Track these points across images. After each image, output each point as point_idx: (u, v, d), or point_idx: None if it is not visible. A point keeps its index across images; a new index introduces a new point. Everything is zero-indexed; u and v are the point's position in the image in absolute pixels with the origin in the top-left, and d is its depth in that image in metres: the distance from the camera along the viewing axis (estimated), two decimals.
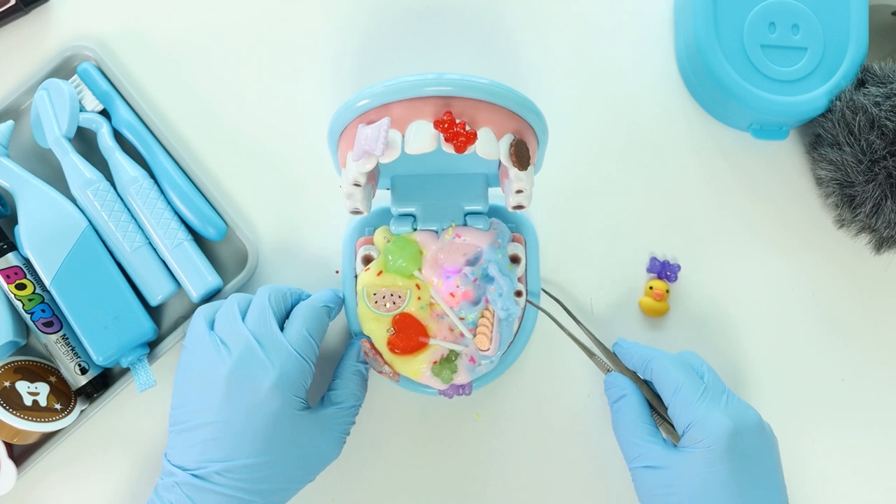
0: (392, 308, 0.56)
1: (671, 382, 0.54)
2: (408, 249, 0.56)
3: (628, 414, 0.55)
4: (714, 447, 0.51)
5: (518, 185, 0.50)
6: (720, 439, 0.51)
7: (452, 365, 0.56)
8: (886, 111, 0.57)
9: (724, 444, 0.51)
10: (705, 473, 0.51)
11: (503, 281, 0.56)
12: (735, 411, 0.52)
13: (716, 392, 0.53)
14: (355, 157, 0.47)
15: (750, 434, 0.52)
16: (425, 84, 0.46)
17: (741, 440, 0.51)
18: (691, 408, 0.52)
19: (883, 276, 0.64)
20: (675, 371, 0.54)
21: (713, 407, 0.52)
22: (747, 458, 0.51)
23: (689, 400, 0.53)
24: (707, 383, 0.54)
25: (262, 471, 0.50)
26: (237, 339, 0.51)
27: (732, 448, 0.51)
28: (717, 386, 0.54)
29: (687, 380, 0.53)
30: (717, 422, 0.51)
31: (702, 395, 0.53)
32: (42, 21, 0.64)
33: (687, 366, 0.55)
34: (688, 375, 0.54)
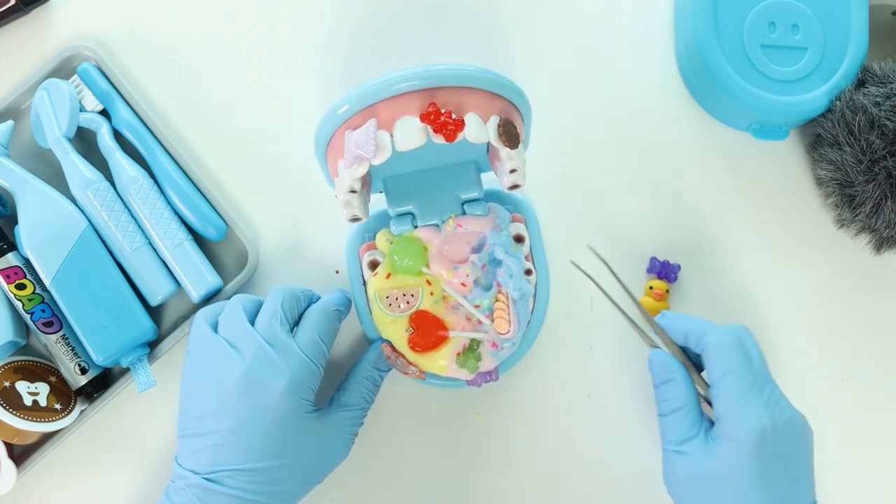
0: (407, 308, 0.56)
1: (722, 364, 0.51)
2: (412, 247, 0.56)
3: (674, 400, 0.52)
4: (746, 442, 0.49)
5: (511, 164, 0.50)
6: (753, 435, 0.49)
7: (476, 353, 0.56)
8: (886, 111, 0.57)
9: (756, 440, 0.49)
10: (734, 467, 0.50)
11: (511, 261, 0.56)
12: (775, 406, 0.51)
13: (761, 382, 0.51)
14: (347, 163, 0.47)
15: (785, 432, 0.50)
16: (403, 80, 0.46)
17: (775, 438, 0.50)
18: (734, 397, 0.50)
19: (883, 276, 0.64)
20: (729, 352, 0.51)
21: (755, 400, 0.50)
22: (779, 456, 0.50)
23: (736, 388, 0.51)
24: (756, 371, 0.51)
25: (273, 473, 0.50)
26: (248, 341, 0.51)
27: (764, 445, 0.49)
28: (764, 375, 0.52)
29: (738, 365, 0.51)
30: (754, 417, 0.50)
31: (750, 385, 0.51)
32: (42, 21, 0.64)
33: (742, 348, 0.52)
34: (741, 360, 0.51)
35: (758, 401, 0.50)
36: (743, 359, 0.51)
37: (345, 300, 0.56)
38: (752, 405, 0.50)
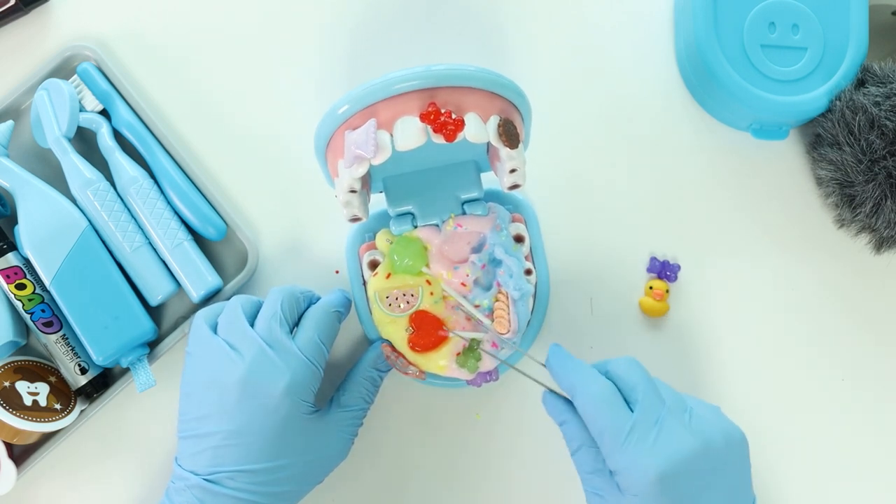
0: (407, 308, 0.56)
1: (594, 424, 0.49)
2: (412, 247, 0.56)
3: (574, 440, 0.51)
4: (642, 496, 0.47)
5: (511, 164, 0.50)
6: (647, 487, 0.46)
7: (476, 353, 0.56)
8: (886, 111, 0.57)
9: (652, 490, 0.46)
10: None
11: (511, 261, 0.56)
12: (667, 446, 0.47)
13: (646, 424, 0.48)
14: (347, 163, 0.47)
15: (689, 468, 0.47)
16: (403, 80, 0.46)
17: (675, 481, 0.47)
18: (616, 453, 0.48)
19: (883, 276, 0.64)
20: (596, 410, 0.49)
21: (639, 449, 0.47)
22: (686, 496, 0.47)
23: (614, 444, 0.48)
24: (636, 416, 0.48)
25: (273, 474, 0.50)
26: (249, 343, 0.51)
27: (664, 492, 0.46)
28: (650, 413, 0.48)
29: (610, 419, 0.48)
30: (641, 469, 0.47)
31: (627, 436, 0.48)
32: (42, 21, 0.64)
33: (612, 397, 0.49)
34: (612, 412, 0.49)
35: (642, 450, 0.47)
36: (614, 410, 0.49)
37: (344, 301, 0.56)
38: (637, 456, 0.47)
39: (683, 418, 0.49)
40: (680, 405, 0.50)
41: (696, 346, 0.62)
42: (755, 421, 0.61)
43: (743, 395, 0.62)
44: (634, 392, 0.50)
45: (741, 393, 0.62)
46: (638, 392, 0.49)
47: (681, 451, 0.47)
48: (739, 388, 0.62)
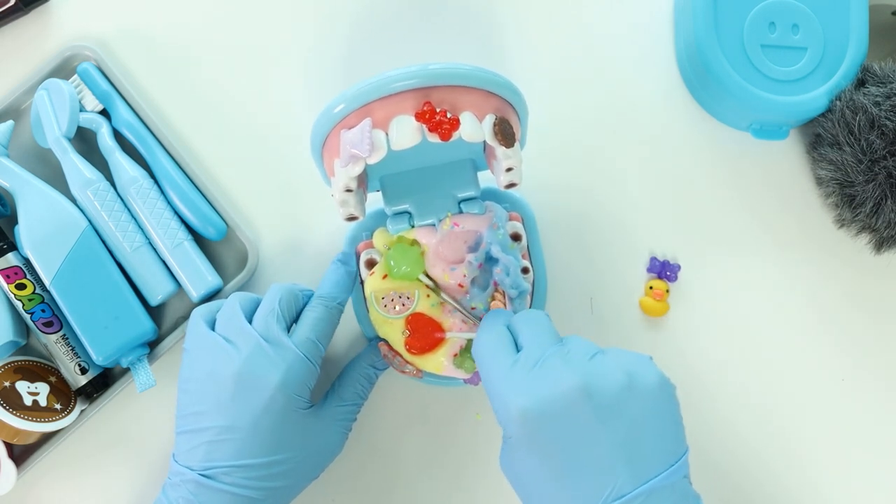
0: (402, 310, 0.56)
1: (481, 372, 0.48)
2: (409, 254, 0.56)
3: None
4: (515, 437, 0.44)
5: (507, 162, 0.50)
6: (512, 426, 0.44)
7: None
8: (886, 111, 0.57)
9: (518, 430, 0.44)
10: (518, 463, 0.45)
11: (507, 260, 0.56)
12: (537, 382, 0.44)
13: (525, 364, 0.45)
14: (343, 163, 0.47)
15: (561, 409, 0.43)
16: (398, 79, 0.46)
17: (543, 421, 0.43)
18: (492, 395, 0.46)
19: (883, 275, 0.64)
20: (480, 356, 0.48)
21: (509, 386, 0.45)
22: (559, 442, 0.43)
23: (491, 386, 0.46)
24: (518, 356, 0.46)
25: (268, 469, 0.50)
26: (245, 338, 0.51)
27: (531, 434, 0.43)
28: (532, 353, 0.46)
29: (491, 362, 0.47)
30: (506, 406, 0.44)
31: (506, 373, 0.45)
32: (42, 21, 0.64)
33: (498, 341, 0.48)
34: (494, 355, 0.47)
35: (510, 387, 0.45)
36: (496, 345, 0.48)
37: (346, 283, 0.56)
38: (505, 396, 0.45)
39: (574, 360, 0.45)
40: (583, 351, 0.46)
41: (696, 346, 0.62)
42: (754, 421, 0.62)
43: (742, 395, 0.62)
44: (520, 335, 0.48)
45: (741, 393, 0.62)
46: (525, 333, 0.48)
47: (553, 389, 0.44)
48: (739, 388, 0.62)
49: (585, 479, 0.43)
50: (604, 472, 0.43)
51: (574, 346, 0.46)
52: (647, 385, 0.45)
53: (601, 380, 0.44)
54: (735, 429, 0.61)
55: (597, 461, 0.43)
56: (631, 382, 0.44)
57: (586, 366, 0.45)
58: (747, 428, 0.61)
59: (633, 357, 0.47)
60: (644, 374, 0.45)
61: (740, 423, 0.61)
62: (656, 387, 0.45)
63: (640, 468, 0.43)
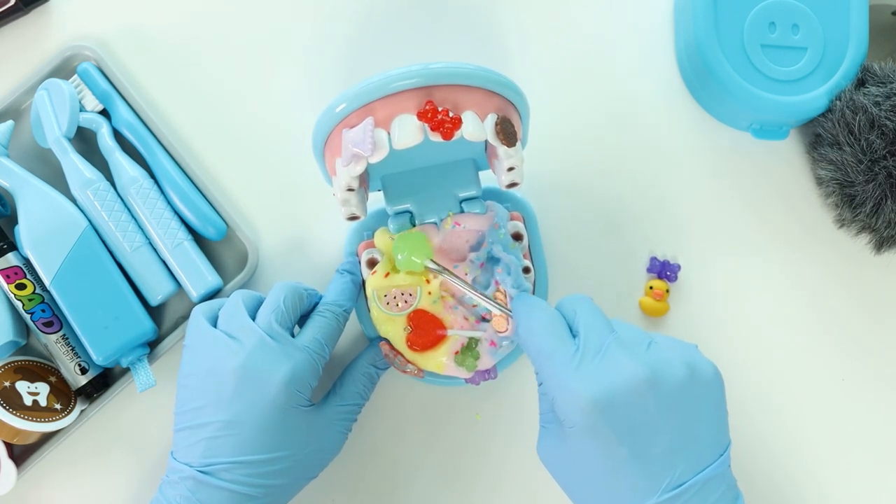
0: (404, 307, 0.56)
1: (533, 352, 0.48)
2: (415, 242, 0.55)
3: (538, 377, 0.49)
4: (578, 426, 0.44)
5: (509, 162, 0.50)
6: (580, 415, 0.44)
7: (474, 352, 0.56)
8: (886, 111, 0.57)
9: (585, 419, 0.44)
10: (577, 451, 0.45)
11: (509, 259, 0.56)
12: (605, 372, 0.44)
13: (588, 352, 0.45)
14: (344, 162, 0.47)
15: (630, 399, 0.44)
16: (400, 78, 0.46)
17: (613, 411, 0.44)
18: (552, 380, 0.46)
19: (883, 275, 0.64)
20: (533, 336, 0.48)
21: (574, 374, 0.45)
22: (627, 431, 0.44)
23: (550, 370, 0.46)
24: (577, 342, 0.46)
25: (268, 466, 0.50)
26: (249, 333, 0.51)
27: (599, 422, 0.44)
28: (593, 340, 0.46)
29: (547, 344, 0.47)
30: (574, 395, 0.44)
31: (565, 362, 0.45)
32: (42, 21, 0.64)
33: (552, 323, 0.48)
34: (550, 337, 0.47)
35: (577, 376, 0.45)
36: (553, 330, 0.47)
37: (351, 291, 0.56)
38: (572, 384, 0.45)
39: (635, 349, 0.46)
40: (636, 338, 0.47)
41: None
42: (754, 420, 0.62)
43: (742, 395, 0.62)
44: (576, 320, 0.47)
45: (740, 393, 0.62)
46: (579, 319, 0.47)
47: (621, 379, 0.44)
48: (739, 388, 0.62)
49: (647, 468, 0.44)
50: (664, 462, 0.44)
51: (627, 334, 0.47)
52: (706, 376, 0.46)
53: (666, 371, 0.45)
54: (735, 428, 0.61)
55: (659, 451, 0.44)
56: (692, 374, 0.45)
57: (648, 356, 0.45)
58: (747, 427, 0.61)
59: (685, 347, 0.47)
60: (702, 365, 0.46)
61: (740, 423, 0.61)
62: (713, 378, 0.46)
63: (695, 458, 0.45)
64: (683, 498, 0.44)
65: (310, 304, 0.55)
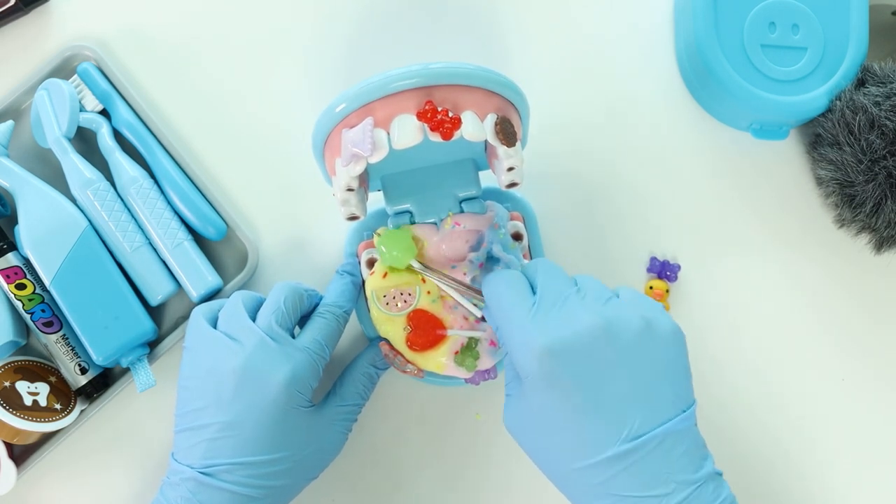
0: (404, 307, 0.56)
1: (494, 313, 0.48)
2: (399, 240, 0.55)
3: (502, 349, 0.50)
4: (532, 377, 0.44)
5: (508, 162, 0.50)
6: (532, 364, 0.44)
7: (474, 352, 0.56)
8: (886, 111, 0.57)
9: (538, 368, 0.44)
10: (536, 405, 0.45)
11: (509, 259, 0.56)
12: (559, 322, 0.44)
13: (544, 305, 0.46)
14: (344, 162, 0.48)
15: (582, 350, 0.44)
16: (399, 78, 0.46)
17: (564, 360, 0.44)
18: (508, 335, 0.46)
19: (883, 275, 0.64)
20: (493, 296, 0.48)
21: (529, 326, 0.45)
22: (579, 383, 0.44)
23: (507, 326, 0.46)
24: (535, 297, 0.46)
25: (269, 467, 0.50)
26: (249, 334, 0.51)
27: (552, 372, 0.44)
28: (550, 294, 0.46)
29: (507, 302, 0.47)
30: (526, 345, 0.44)
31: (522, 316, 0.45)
32: (42, 21, 0.64)
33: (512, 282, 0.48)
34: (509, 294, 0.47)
35: (531, 327, 0.45)
36: (513, 286, 0.48)
37: (351, 292, 0.56)
38: (525, 335, 0.45)
39: (592, 303, 0.46)
40: (598, 293, 0.47)
41: (695, 346, 0.62)
42: (754, 420, 0.62)
43: (742, 395, 0.62)
44: (536, 277, 0.48)
45: (740, 393, 0.62)
46: (538, 278, 0.47)
47: (575, 328, 0.44)
48: (739, 387, 0.62)
49: (603, 417, 0.44)
50: (621, 412, 0.44)
51: (589, 288, 0.47)
52: (663, 331, 0.46)
53: (621, 322, 0.45)
54: (735, 428, 0.61)
55: (615, 400, 0.44)
56: (648, 326, 0.45)
57: (605, 308, 0.45)
58: (747, 428, 0.61)
59: (647, 302, 0.47)
60: (660, 320, 0.46)
61: (740, 423, 0.61)
62: (671, 334, 0.46)
63: (654, 410, 0.44)
64: (644, 450, 0.43)
65: (310, 305, 0.55)
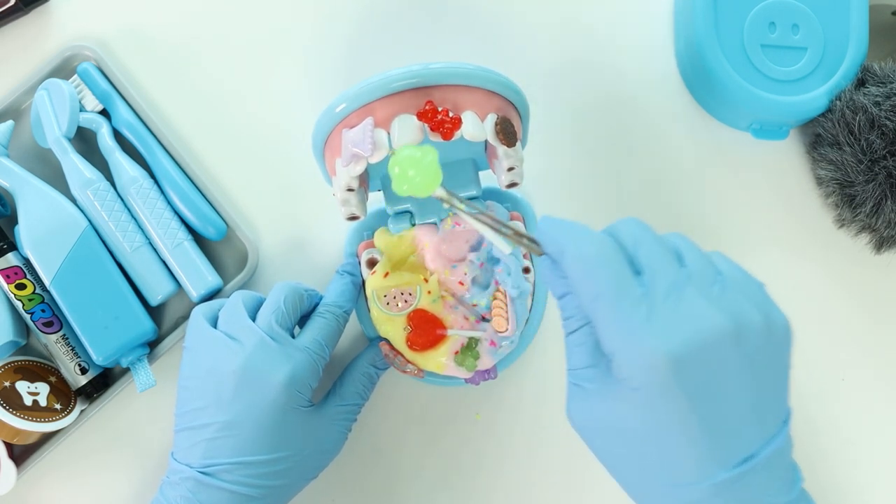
0: (404, 306, 0.56)
1: (585, 290, 0.38)
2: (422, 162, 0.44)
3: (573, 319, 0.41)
4: (644, 387, 0.37)
5: (508, 162, 0.50)
6: (651, 374, 0.36)
7: (474, 352, 0.56)
8: (886, 111, 0.57)
9: (658, 380, 0.36)
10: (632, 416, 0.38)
11: (508, 259, 0.56)
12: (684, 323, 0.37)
13: (656, 293, 0.37)
14: (344, 162, 0.48)
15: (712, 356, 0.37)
16: (400, 78, 0.46)
17: (692, 370, 0.36)
18: (611, 328, 0.38)
19: (883, 275, 0.64)
20: (586, 271, 0.39)
21: (644, 324, 0.37)
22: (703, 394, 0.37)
23: (610, 316, 0.38)
24: (643, 281, 0.38)
25: (269, 467, 0.50)
26: (249, 334, 0.51)
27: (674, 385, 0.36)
28: (662, 278, 0.38)
29: (606, 283, 0.38)
30: (645, 350, 0.36)
31: (629, 306, 0.37)
32: (42, 21, 0.64)
33: (610, 255, 0.39)
34: (608, 273, 0.38)
35: (648, 326, 0.37)
36: (614, 267, 0.38)
37: (351, 292, 0.56)
38: (641, 336, 0.37)
39: (710, 290, 0.38)
40: (707, 272, 0.39)
41: None
42: None
43: None
44: (638, 252, 0.39)
45: None
46: (642, 251, 0.39)
47: (700, 331, 0.37)
48: None
49: (716, 437, 0.37)
50: (736, 431, 0.38)
51: (693, 263, 0.39)
52: (779, 329, 0.39)
53: (744, 319, 0.38)
54: None
55: (731, 417, 0.38)
56: (768, 325, 0.39)
57: (726, 300, 0.38)
58: None
59: (754, 284, 0.40)
60: (775, 314, 0.39)
61: None
62: (786, 331, 0.40)
63: (765, 425, 0.39)
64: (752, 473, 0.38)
65: (310, 305, 0.55)
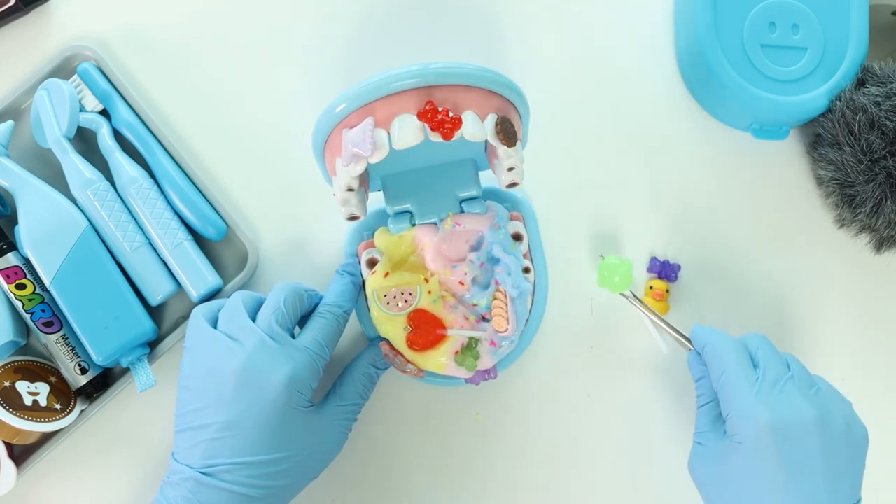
0: (404, 306, 0.56)
1: (718, 364, 0.53)
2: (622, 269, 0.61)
3: (703, 396, 0.55)
4: (748, 442, 0.50)
5: (508, 162, 0.50)
6: (755, 433, 0.49)
7: (474, 352, 0.56)
8: (886, 111, 0.57)
9: (759, 438, 0.49)
10: (738, 467, 0.50)
11: (509, 259, 0.56)
12: (784, 403, 0.50)
13: (768, 381, 0.51)
14: (344, 162, 0.48)
15: (801, 431, 0.50)
16: (400, 78, 0.46)
17: (785, 437, 0.49)
18: (731, 396, 0.51)
19: (883, 275, 0.64)
20: (719, 355, 0.53)
21: (755, 396, 0.50)
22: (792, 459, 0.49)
23: (731, 387, 0.52)
24: (759, 371, 0.52)
25: (269, 467, 0.50)
26: (249, 334, 0.51)
27: (771, 444, 0.49)
28: (772, 373, 0.52)
29: (734, 364, 0.52)
30: (753, 414, 0.50)
31: (747, 383, 0.51)
32: (42, 21, 0.64)
33: (739, 348, 0.54)
34: (736, 359, 0.53)
35: (758, 398, 0.50)
36: (739, 358, 0.53)
37: (351, 292, 0.56)
38: (752, 404, 0.50)
39: (807, 391, 0.51)
40: (807, 380, 0.52)
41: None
42: None
43: None
44: (758, 353, 0.53)
45: None
46: (760, 354, 0.53)
47: (795, 412, 0.50)
48: None
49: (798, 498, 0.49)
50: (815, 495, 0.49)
51: (800, 375, 0.52)
52: (859, 434, 0.52)
53: (831, 417, 0.51)
54: None
55: (812, 484, 0.49)
56: (848, 426, 0.51)
57: (818, 400, 0.51)
58: None
59: (842, 399, 0.53)
60: (855, 422, 0.52)
61: None
62: (863, 437, 0.52)
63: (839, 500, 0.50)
64: None
65: (310, 305, 0.55)
